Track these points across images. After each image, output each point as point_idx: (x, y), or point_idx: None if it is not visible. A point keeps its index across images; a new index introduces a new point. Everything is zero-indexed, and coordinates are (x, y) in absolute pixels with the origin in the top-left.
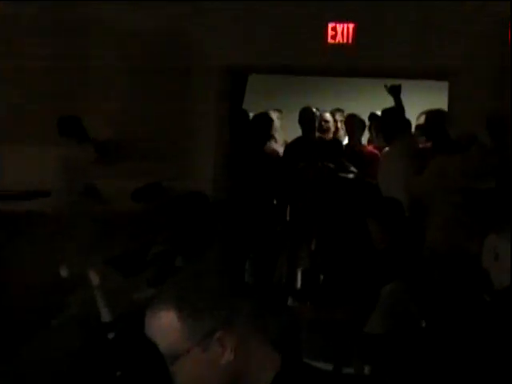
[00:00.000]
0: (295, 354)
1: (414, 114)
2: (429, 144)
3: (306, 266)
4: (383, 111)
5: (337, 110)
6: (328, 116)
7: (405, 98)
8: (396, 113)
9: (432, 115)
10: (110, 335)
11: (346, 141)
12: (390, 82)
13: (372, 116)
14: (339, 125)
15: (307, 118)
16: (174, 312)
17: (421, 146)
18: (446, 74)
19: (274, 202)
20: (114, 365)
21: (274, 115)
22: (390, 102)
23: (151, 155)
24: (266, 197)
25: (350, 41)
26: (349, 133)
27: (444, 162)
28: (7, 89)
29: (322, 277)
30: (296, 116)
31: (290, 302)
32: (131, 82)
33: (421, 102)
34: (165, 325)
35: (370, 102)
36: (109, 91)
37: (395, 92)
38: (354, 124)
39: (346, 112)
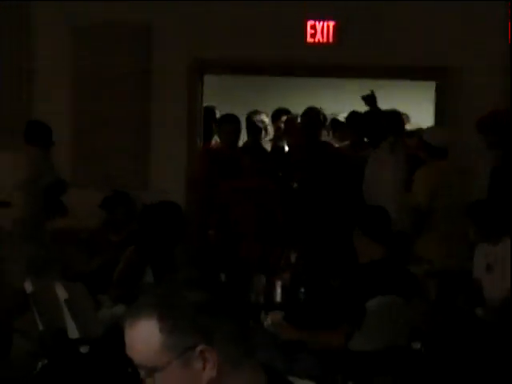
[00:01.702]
0: (279, 373)
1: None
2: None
3: (285, 282)
4: (365, 113)
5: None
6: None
7: (389, 98)
8: (379, 116)
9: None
10: (84, 349)
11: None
12: (373, 82)
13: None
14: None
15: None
16: (154, 322)
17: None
18: (434, 73)
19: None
20: (89, 380)
21: (262, 116)
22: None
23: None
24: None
25: (331, 40)
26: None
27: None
28: None
29: (302, 290)
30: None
31: (267, 321)
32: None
33: (406, 101)
34: (145, 334)
35: (352, 102)
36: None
37: (371, 101)
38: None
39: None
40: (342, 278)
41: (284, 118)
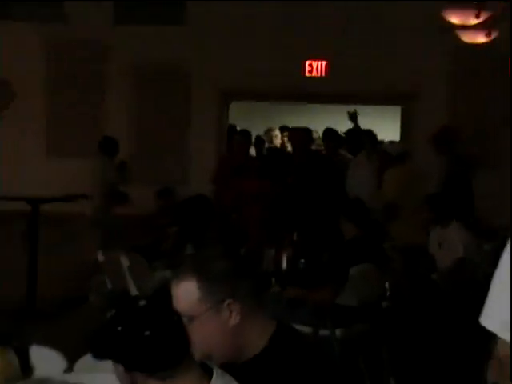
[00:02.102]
0: (283, 322)
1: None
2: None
3: (289, 255)
4: (348, 131)
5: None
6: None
7: (367, 120)
8: (358, 132)
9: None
10: (142, 303)
11: None
12: (354, 107)
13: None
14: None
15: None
16: (194, 282)
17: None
18: (400, 100)
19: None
20: (144, 326)
21: (276, 131)
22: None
23: (161, 169)
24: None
25: (323, 74)
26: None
27: (399, 172)
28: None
29: (302, 261)
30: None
31: (274, 284)
32: (143, 110)
33: (379, 122)
34: (187, 290)
35: (339, 122)
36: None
37: (353, 117)
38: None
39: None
40: (331, 251)
41: (286, 132)
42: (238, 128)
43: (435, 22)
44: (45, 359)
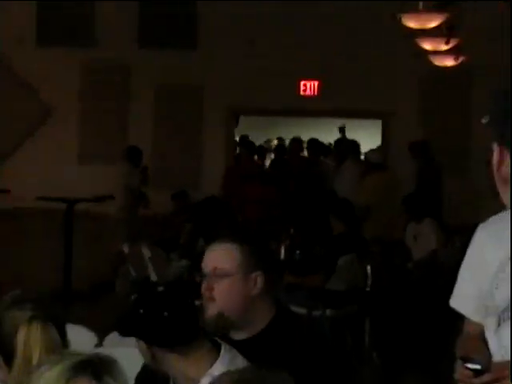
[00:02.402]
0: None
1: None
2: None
3: (286, 247)
4: (336, 141)
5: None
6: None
7: (352, 132)
8: (345, 142)
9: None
10: (160, 288)
11: None
12: (342, 121)
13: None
14: None
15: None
16: (237, 246)
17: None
18: (380, 115)
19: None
20: (163, 308)
21: (274, 141)
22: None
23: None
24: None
25: (316, 93)
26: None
27: (378, 177)
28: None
29: (298, 252)
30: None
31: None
32: (162, 123)
33: (363, 134)
34: (229, 251)
35: (328, 134)
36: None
37: (341, 130)
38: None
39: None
40: (322, 243)
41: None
42: (251, 138)
43: (409, 49)
44: (78, 336)
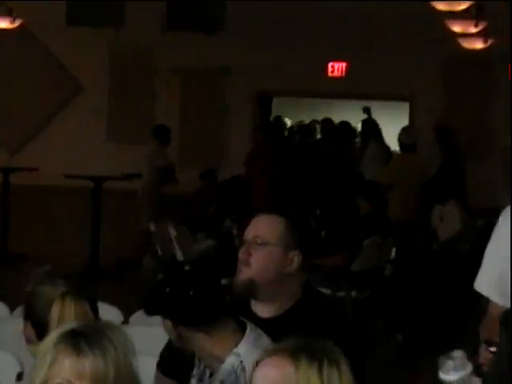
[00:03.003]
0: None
1: (384, 125)
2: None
3: (312, 226)
4: (362, 122)
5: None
6: None
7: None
8: (370, 124)
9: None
10: (186, 267)
11: None
12: (368, 102)
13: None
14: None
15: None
16: (283, 219)
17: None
18: (407, 97)
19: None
20: (189, 287)
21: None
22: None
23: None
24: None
25: (344, 74)
26: None
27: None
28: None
29: (323, 232)
30: None
31: None
32: (189, 105)
33: (389, 116)
34: (274, 222)
35: (355, 115)
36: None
37: (366, 111)
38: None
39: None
40: (347, 224)
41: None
42: (287, 120)
43: (437, 31)
44: (105, 313)
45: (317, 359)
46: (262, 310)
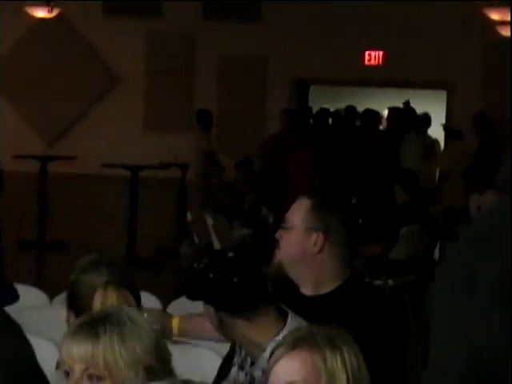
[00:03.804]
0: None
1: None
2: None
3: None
4: (400, 111)
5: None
6: None
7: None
8: (409, 113)
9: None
10: (230, 254)
11: None
12: (405, 91)
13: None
14: None
15: None
16: (309, 202)
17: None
18: (444, 86)
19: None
20: (233, 273)
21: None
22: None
23: (242, 141)
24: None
25: (381, 63)
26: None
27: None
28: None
29: (360, 221)
30: None
31: None
32: (226, 93)
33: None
34: (300, 205)
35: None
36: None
37: (406, 104)
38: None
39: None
40: (384, 213)
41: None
42: (332, 109)
43: (475, 19)
44: (143, 301)
45: (338, 349)
46: (304, 287)
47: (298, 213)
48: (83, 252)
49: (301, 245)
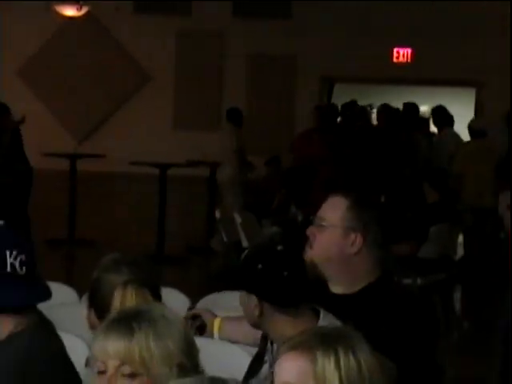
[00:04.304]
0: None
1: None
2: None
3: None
4: (433, 110)
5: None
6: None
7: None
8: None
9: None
10: (279, 247)
11: None
12: (433, 89)
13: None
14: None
15: None
16: (346, 201)
17: None
18: (473, 83)
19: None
20: (283, 267)
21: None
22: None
23: (270, 138)
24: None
25: (409, 60)
26: None
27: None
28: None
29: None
30: None
31: None
32: (255, 91)
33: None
34: (337, 203)
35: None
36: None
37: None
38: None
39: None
40: (414, 211)
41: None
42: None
43: (502, 19)
44: (171, 299)
45: (333, 350)
46: (334, 286)
47: (335, 211)
48: (112, 250)
49: (338, 244)
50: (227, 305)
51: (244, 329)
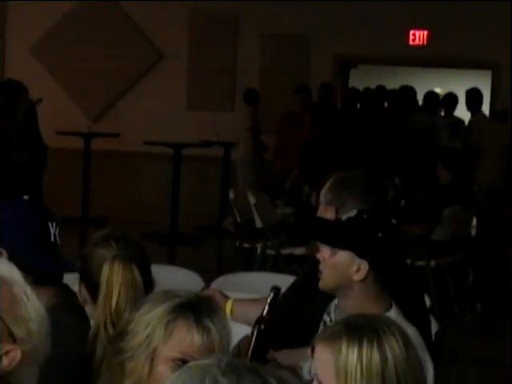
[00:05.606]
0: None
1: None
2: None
3: (392, 194)
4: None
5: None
6: None
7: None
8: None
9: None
10: (365, 215)
11: None
12: (449, 71)
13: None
14: None
15: None
16: None
17: None
18: (490, 65)
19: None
20: (377, 229)
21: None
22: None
23: None
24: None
25: (425, 43)
26: None
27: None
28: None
29: (403, 202)
30: None
31: None
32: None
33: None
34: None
35: (436, 83)
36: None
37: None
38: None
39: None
40: (427, 193)
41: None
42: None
43: None
44: (185, 278)
45: (358, 341)
46: None
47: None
48: (125, 228)
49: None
50: (240, 286)
51: (256, 311)
